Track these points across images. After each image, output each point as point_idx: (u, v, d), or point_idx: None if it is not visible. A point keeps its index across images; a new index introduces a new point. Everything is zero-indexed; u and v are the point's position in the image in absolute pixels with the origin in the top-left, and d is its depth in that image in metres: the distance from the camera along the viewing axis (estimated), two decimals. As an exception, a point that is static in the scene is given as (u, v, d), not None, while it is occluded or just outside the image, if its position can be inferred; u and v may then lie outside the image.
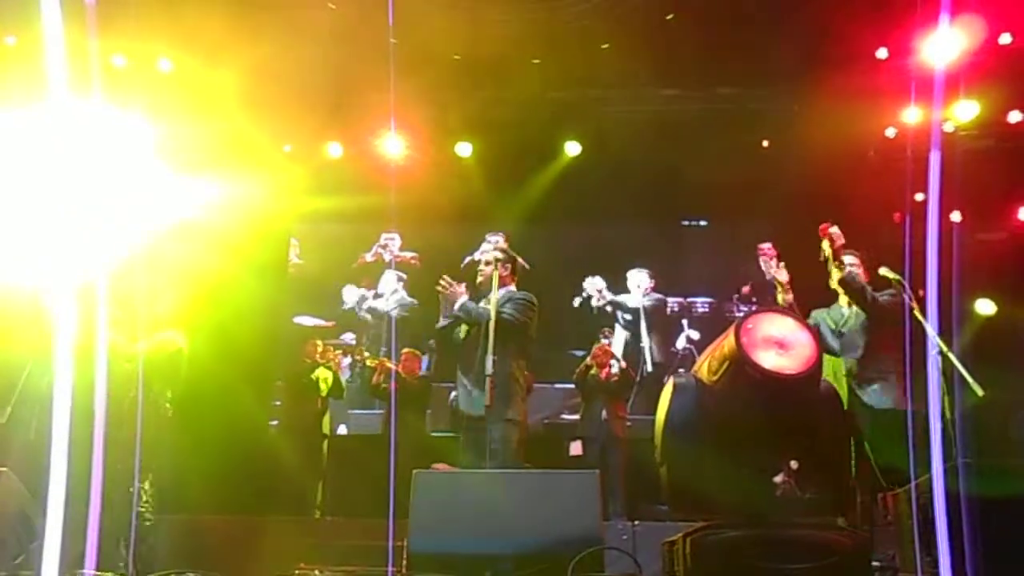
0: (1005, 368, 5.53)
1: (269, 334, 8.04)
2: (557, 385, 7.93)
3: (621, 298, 7.85)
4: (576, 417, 7.17)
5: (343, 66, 6.64)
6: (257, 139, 6.91)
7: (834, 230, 4.96)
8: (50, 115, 2.93)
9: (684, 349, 8.25)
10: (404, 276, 8.27)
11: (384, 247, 8.53)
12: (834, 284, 5.00)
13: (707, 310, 8.76)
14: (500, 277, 4.50)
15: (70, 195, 3.01)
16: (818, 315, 5.07)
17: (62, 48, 2.86)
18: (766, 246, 6.98)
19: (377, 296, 8.36)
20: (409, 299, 8.14)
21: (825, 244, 4.95)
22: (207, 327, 6.14)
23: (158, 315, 4.72)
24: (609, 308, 7.89)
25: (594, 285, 7.92)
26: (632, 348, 7.67)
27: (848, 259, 4.94)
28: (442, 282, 4.56)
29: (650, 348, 7.59)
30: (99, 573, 3.29)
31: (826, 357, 4.42)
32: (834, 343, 4.91)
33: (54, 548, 2.48)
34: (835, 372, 4.86)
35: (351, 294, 8.53)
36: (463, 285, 4.54)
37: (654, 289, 7.92)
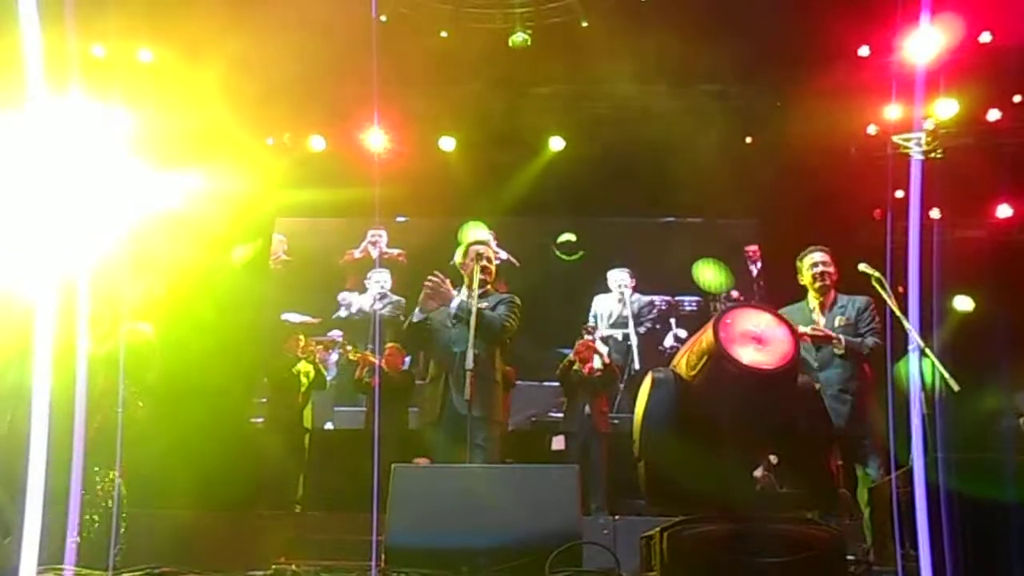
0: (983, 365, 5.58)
1: (253, 329, 8.02)
2: (545, 383, 7.93)
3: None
4: (562, 415, 7.19)
5: (326, 59, 6.60)
6: (239, 132, 6.86)
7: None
8: (28, 107, 2.88)
9: (672, 348, 8.29)
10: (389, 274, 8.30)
11: (373, 244, 8.53)
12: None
13: (694, 308, 8.71)
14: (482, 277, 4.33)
15: (49, 188, 2.96)
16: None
17: (39, 37, 2.80)
18: (752, 248, 7.02)
19: (363, 292, 8.38)
20: (396, 297, 8.15)
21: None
22: (189, 322, 6.10)
23: (140, 309, 4.65)
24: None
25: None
26: (620, 347, 7.71)
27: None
28: (434, 278, 4.00)
29: (638, 347, 7.61)
30: (77, 568, 3.26)
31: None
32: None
33: (32, 544, 2.45)
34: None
35: (347, 302, 8.53)
36: (448, 282, 4.28)
37: (635, 288, 7.95)
